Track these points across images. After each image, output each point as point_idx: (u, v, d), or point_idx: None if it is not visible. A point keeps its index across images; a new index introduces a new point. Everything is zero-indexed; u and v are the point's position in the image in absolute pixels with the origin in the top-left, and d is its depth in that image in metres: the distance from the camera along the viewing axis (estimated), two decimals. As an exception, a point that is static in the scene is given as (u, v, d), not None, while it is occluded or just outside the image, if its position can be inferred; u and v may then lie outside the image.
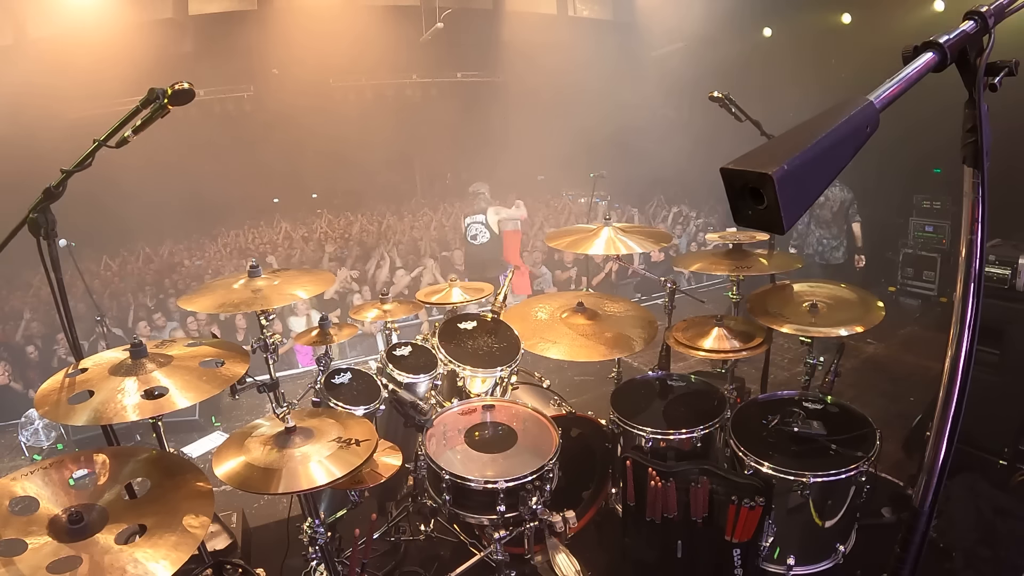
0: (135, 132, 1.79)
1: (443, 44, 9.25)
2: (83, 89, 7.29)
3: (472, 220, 6.38)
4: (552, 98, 9.43)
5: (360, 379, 2.70)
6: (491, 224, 6.32)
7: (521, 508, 2.29)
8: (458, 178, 12.07)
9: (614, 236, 3.11)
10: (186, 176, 9.03)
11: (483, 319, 3.08)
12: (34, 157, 4.76)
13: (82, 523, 1.37)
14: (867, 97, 0.75)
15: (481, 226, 6.33)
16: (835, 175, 0.72)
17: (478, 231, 6.35)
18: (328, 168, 9.70)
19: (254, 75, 9.31)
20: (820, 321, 2.67)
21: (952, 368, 0.95)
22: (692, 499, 2.36)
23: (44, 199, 1.83)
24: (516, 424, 2.55)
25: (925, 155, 6.07)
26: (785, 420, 2.54)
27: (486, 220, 6.32)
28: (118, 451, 1.70)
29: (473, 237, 6.35)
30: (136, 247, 9.09)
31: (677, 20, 8.69)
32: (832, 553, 2.48)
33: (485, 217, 6.31)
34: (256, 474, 1.76)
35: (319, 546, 2.12)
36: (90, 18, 7.51)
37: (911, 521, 1.02)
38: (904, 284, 6.54)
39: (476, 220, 6.37)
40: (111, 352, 2.02)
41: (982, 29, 0.83)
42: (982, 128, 0.86)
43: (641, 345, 2.89)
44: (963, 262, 0.92)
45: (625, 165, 9.02)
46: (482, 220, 6.33)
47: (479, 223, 6.35)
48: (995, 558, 2.54)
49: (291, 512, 2.87)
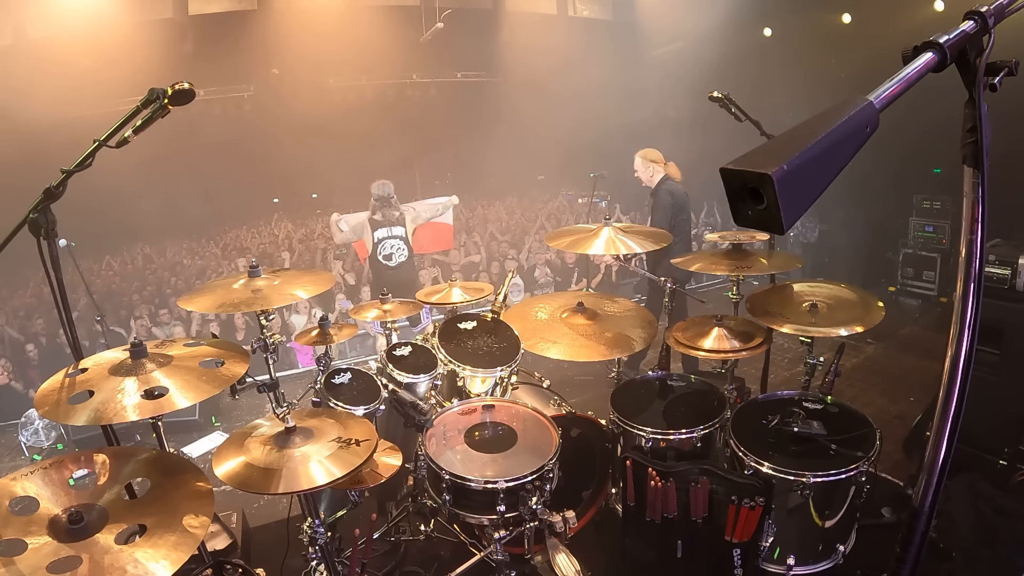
0: (135, 132, 1.79)
1: (443, 44, 9.24)
2: (83, 89, 7.28)
3: (388, 235, 4.96)
4: (552, 98, 9.42)
5: (360, 379, 2.69)
6: (409, 239, 5.05)
7: (521, 508, 2.29)
8: (458, 178, 12.06)
9: (614, 236, 3.11)
10: (186, 176, 9.03)
11: (483, 319, 3.08)
12: (34, 157, 4.76)
13: (82, 523, 1.37)
14: (867, 97, 0.75)
15: (399, 243, 4.99)
16: (835, 175, 0.72)
17: (394, 249, 4.98)
18: (328, 168, 9.69)
19: (254, 75, 9.30)
20: (820, 321, 2.67)
21: (952, 368, 0.95)
22: (692, 499, 2.36)
23: (44, 199, 1.83)
24: (516, 424, 2.55)
25: (925, 155, 6.07)
26: (785, 420, 2.54)
27: (406, 234, 5.02)
28: (118, 451, 1.70)
29: (387, 257, 4.95)
30: (136, 247, 9.10)
31: (677, 20, 8.68)
32: (832, 553, 2.48)
33: (405, 230, 5.01)
34: (256, 474, 1.76)
35: (319, 546, 2.12)
36: (90, 18, 7.50)
37: (911, 521, 1.02)
38: (904, 284, 6.54)
39: (394, 235, 4.98)
40: (111, 352, 2.02)
41: (982, 29, 0.83)
42: (982, 128, 0.86)
43: (641, 345, 2.89)
44: (963, 262, 0.93)
45: (625, 165, 9.01)
46: (401, 235, 5.00)
47: (398, 239, 5.00)
48: (995, 558, 2.54)
49: (291, 512, 2.87)
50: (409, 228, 5.08)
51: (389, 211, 4.98)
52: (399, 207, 5.08)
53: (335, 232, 5.18)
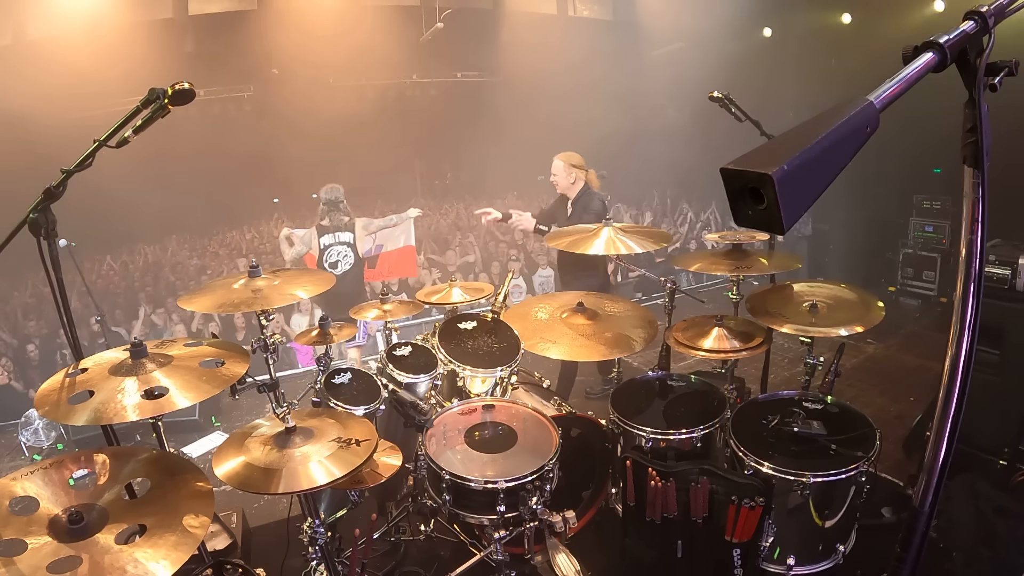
0: (135, 132, 1.79)
1: (443, 44, 9.24)
2: (83, 89, 7.28)
3: (334, 241, 4.73)
4: (552, 98, 9.42)
5: (360, 379, 2.69)
6: (358, 245, 4.80)
7: (521, 508, 2.29)
8: (458, 178, 12.07)
9: (614, 236, 3.11)
10: (186, 176, 9.03)
11: (483, 319, 3.08)
12: (34, 157, 4.76)
13: (82, 523, 1.37)
14: (867, 97, 0.75)
15: (346, 249, 4.74)
16: (835, 175, 0.72)
17: (340, 256, 4.73)
18: (328, 168, 9.70)
19: (254, 75, 9.30)
20: (820, 321, 2.67)
21: (952, 368, 0.95)
22: (692, 499, 2.36)
23: (44, 199, 1.83)
24: (516, 424, 2.55)
25: (925, 155, 6.07)
26: (785, 420, 2.53)
27: (354, 241, 4.78)
28: (118, 451, 1.70)
29: (333, 265, 4.72)
30: (136, 247, 9.10)
31: (677, 20, 8.69)
32: (832, 553, 2.48)
33: (353, 236, 4.77)
34: (256, 474, 1.76)
35: (319, 546, 2.12)
36: (90, 18, 7.50)
37: (911, 521, 1.02)
38: (904, 284, 6.54)
39: (340, 241, 4.74)
40: (111, 352, 2.02)
41: (982, 29, 0.83)
42: (982, 128, 0.86)
43: (641, 345, 2.89)
44: (963, 262, 0.93)
45: (625, 164, 9.02)
46: (349, 241, 4.75)
47: (344, 245, 4.74)
48: (995, 558, 2.53)
49: (291, 512, 2.87)
50: (359, 234, 4.82)
51: (337, 215, 4.76)
52: (348, 212, 4.85)
53: (284, 249, 4.85)
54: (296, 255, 4.78)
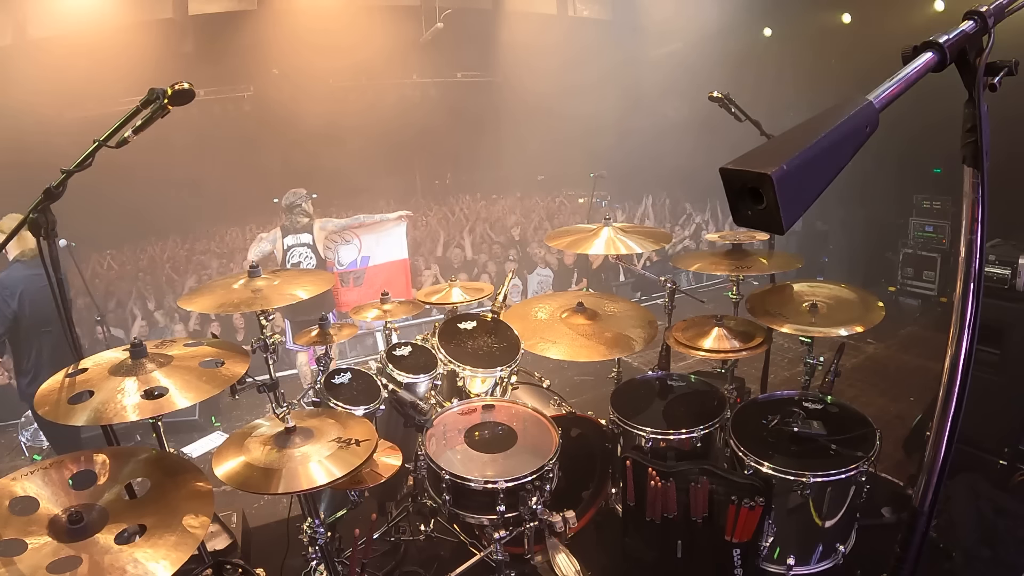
0: (135, 132, 1.79)
1: (443, 44, 9.24)
2: (83, 89, 7.28)
3: (296, 242, 4.81)
4: (552, 98, 9.42)
5: (360, 379, 2.70)
6: (318, 246, 4.86)
7: (521, 508, 2.29)
8: (458, 178, 12.06)
9: (614, 236, 3.11)
10: (186, 176, 9.03)
11: (483, 319, 3.08)
12: (34, 157, 4.76)
13: (82, 523, 1.37)
14: (867, 97, 0.75)
15: (307, 250, 4.82)
16: (835, 175, 0.72)
17: (302, 258, 4.81)
18: (328, 168, 9.69)
19: (254, 75, 9.29)
20: (820, 321, 2.67)
21: (952, 368, 0.95)
22: (692, 499, 2.36)
23: (44, 199, 1.83)
24: (516, 424, 2.55)
25: (925, 155, 6.08)
26: (785, 420, 2.54)
27: (313, 241, 4.84)
28: (118, 451, 1.70)
29: (296, 266, 4.81)
30: (136, 247, 9.09)
31: (677, 20, 8.69)
32: (832, 553, 2.48)
33: (312, 237, 4.84)
34: (256, 474, 1.76)
35: (319, 546, 2.12)
36: (90, 18, 7.50)
37: (911, 521, 1.02)
38: (904, 284, 6.55)
39: (301, 243, 4.80)
40: (111, 352, 2.02)
41: (982, 29, 0.83)
42: (982, 128, 0.86)
43: (641, 345, 2.88)
44: (963, 262, 0.93)
45: (625, 164, 9.02)
46: (308, 242, 4.82)
47: (305, 246, 4.81)
48: (995, 558, 2.54)
49: (291, 512, 2.87)
50: (317, 235, 4.85)
51: (294, 218, 4.82)
52: (309, 212, 4.87)
53: (251, 247, 4.89)
54: (260, 253, 4.80)
